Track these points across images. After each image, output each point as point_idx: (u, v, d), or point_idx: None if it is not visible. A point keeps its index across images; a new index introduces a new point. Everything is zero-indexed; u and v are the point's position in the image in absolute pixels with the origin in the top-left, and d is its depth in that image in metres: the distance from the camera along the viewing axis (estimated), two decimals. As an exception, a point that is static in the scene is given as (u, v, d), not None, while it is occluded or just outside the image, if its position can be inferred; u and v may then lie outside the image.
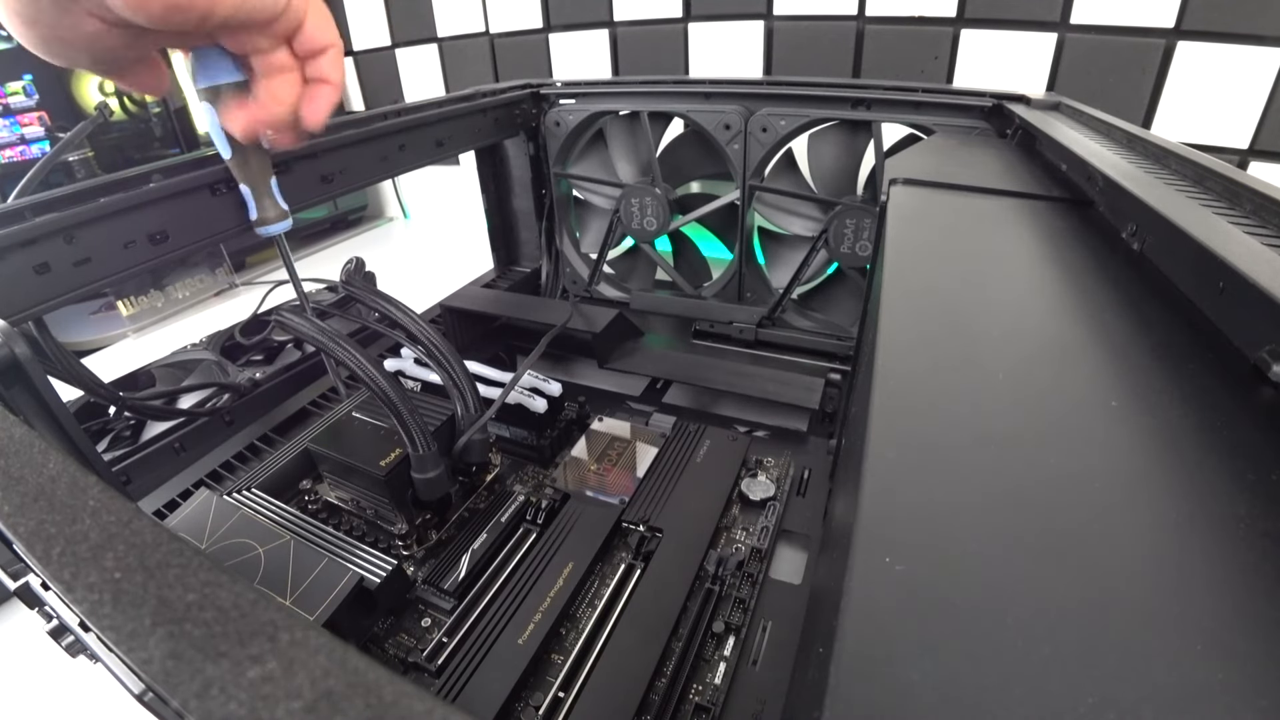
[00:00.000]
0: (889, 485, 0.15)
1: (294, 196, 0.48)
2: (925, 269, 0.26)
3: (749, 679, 0.35)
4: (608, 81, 0.70)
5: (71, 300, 0.37)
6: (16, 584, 0.25)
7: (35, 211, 0.35)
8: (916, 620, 0.11)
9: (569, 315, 0.61)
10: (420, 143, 0.59)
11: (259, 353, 0.67)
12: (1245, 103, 0.67)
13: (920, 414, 0.17)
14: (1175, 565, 0.12)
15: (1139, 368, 0.19)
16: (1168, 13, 0.67)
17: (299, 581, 0.35)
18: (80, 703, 0.40)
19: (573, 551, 0.41)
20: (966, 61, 0.77)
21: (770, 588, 0.40)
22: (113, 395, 0.43)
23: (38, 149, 0.99)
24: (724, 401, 0.61)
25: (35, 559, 0.12)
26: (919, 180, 0.37)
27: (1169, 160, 0.31)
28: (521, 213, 0.79)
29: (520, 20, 1.01)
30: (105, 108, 0.45)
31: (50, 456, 0.14)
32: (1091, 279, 0.25)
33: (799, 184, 0.65)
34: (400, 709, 0.08)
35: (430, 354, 0.46)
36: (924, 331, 0.21)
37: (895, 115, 0.57)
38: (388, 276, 0.69)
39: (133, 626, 0.10)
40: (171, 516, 0.40)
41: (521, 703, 0.33)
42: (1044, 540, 0.13)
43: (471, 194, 0.90)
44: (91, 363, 0.49)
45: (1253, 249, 0.20)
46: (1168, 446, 0.16)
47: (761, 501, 0.46)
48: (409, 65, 1.18)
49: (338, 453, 0.43)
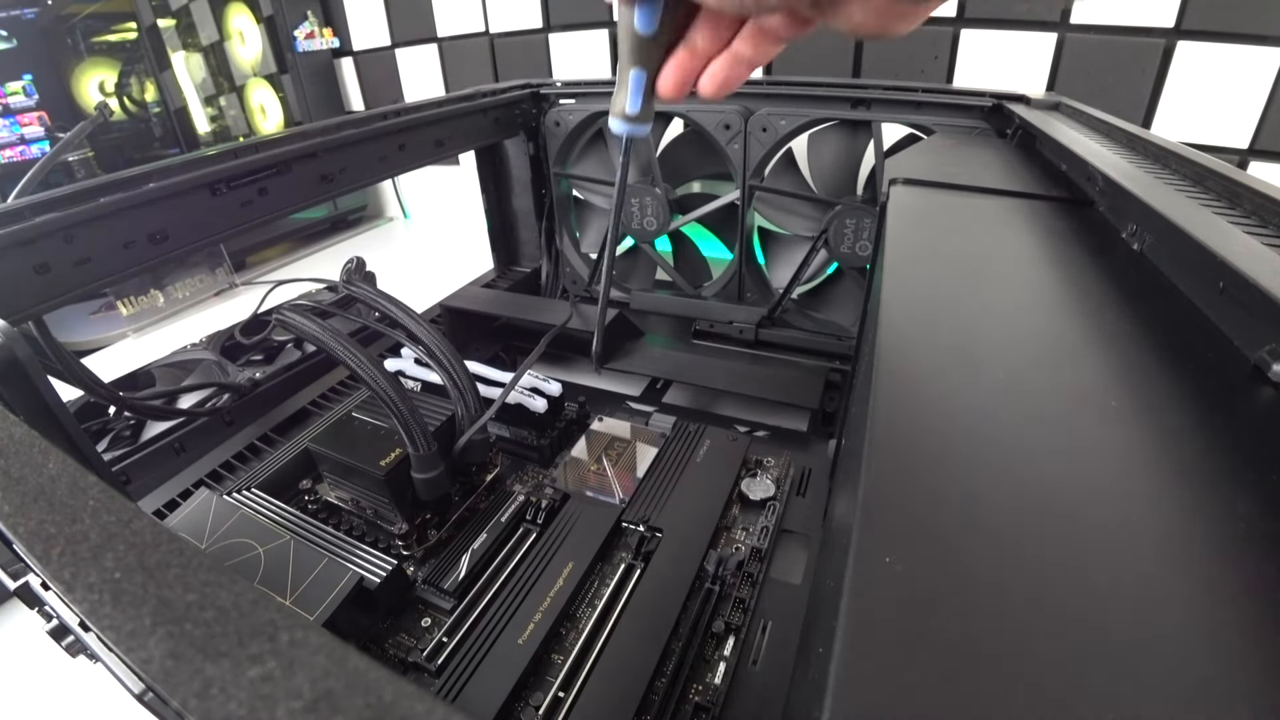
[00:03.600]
0: (889, 485, 0.15)
1: (294, 196, 0.48)
2: (925, 269, 0.26)
3: (749, 679, 0.35)
4: (608, 81, 0.70)
5: (71, 300, 0.37)
6: (16, 584, 0.25)
7: (35, 211, 0.35)
8: (916, 620, 0.11)
9: (569, 315, 0.61)
10: (420, 143, 0.59)
11: (259, 353, 0.67)
12: (1245, 103, 0.67)
13: (920, 414, 0.17)
14: (1175, 565, 0.12)
15: (1139, 368, 0.19)
16: (1168, 13, 0.67)
17: (299, 581, 0.35)
18: (80, 703, 0.40)
19: (573, 551, 0.41)
20: (966, 61, 0.77)
21: (770, 588, 0.40)
22: (113, 395, 0.43)
23: (38, 149, 1.00)
24: (724, 401, 0.61)
25: (35, 559, 0.12)
26: (919, 180, 0.37)
27: (1169, 160, 0.31)
28: (521, 213, 0.79)
29: (520, 20, 1.01)
30: (105, 108, 0.45)
31: (50, 456, 0.14)
32: (1091, 279, 0.25)
33: (799, 184, 0.65)
34: (400, 709, 0.08)
35: (430, 354, 0.46)
36: (924, 331, 0.21)
37: (895, 115, 0.57)
38: (388, 276, 0.69)
39: (133, 626, 0.10)
40: (171, 516, 0.40)
41: (521, 703, 0.33)
42: (1044, 540, 0.13)
43: (471, 194, 0.90)
44: (91, 363, 0.48)
45: (1253, 249, 0.20)
46: (1168, 446, 0.16)
47: (761, 501, 0.46)
48: (409, 65, 1.18)
49: (338, 453, 0.43)
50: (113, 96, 1.08)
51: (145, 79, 1.17)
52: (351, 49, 1.23)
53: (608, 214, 0.73)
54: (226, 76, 1.27)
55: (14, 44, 0.97)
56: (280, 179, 0.46)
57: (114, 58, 1.12)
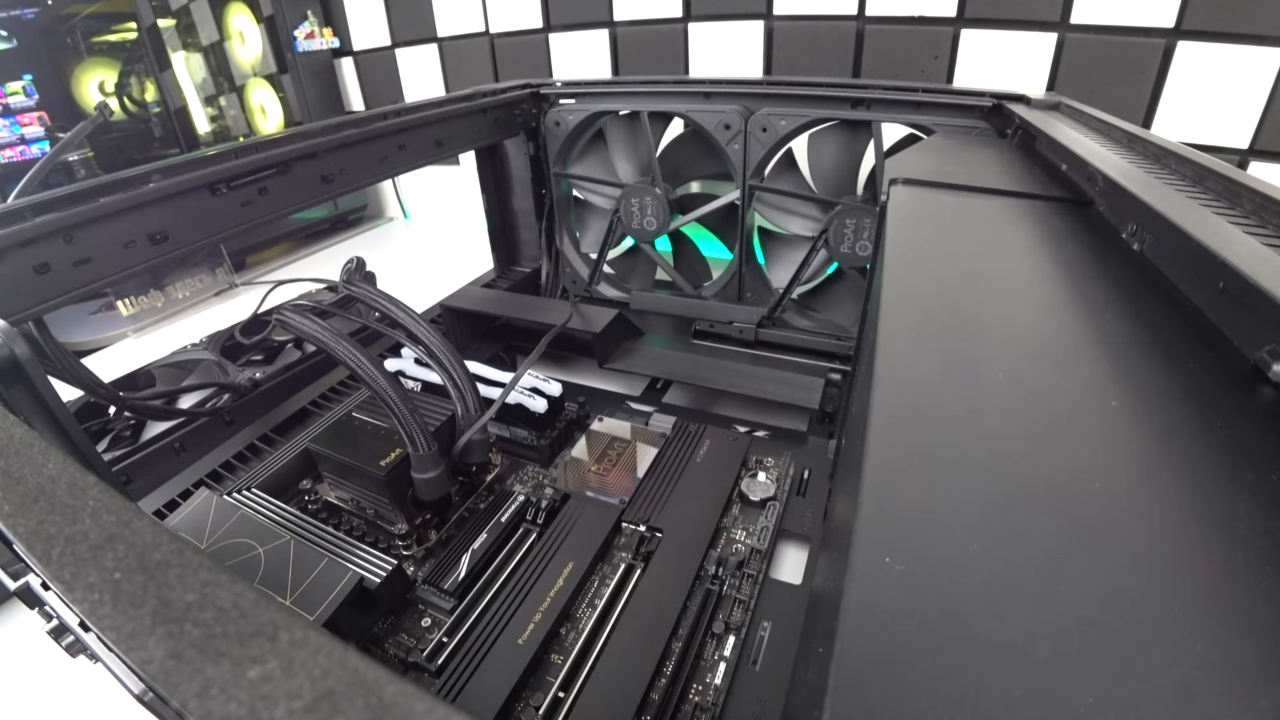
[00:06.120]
0: (889, 485, 0.15)
1: (294, 196, 0.48)
2: (925, 269, 0.26)
3: (749, 679, 0.35)
4: (608, 81, 0.70)
5: (71, 300, 0.37)
6: (16, 584, 0.25)
7: (35, 211, 0.35)
8: (916, 620, 0.11)
9: (569, 315, 0.61)
10: (420, 143, 0.59)
11: (259, 353, 0.67)
12: (1245, 103, 0.67)
13: (920, 414, 0.17)
14: (1175, 565, 0.12)
15: (1139, 368, 0.19)
16: (1168, 13, 0.67)
17: (299, 581, 0.35)
18: (80, 703, 0.40)
19: (573, 551, 0.41)
20: (966, 61, 0.77)
21: (770, 588, 0.40)
22: (113, 395, 0.43)
23: (38, 149, 1.00)
24: (724, 401, 0.61)
25: (35, 559, 0.12)
26: (919, 180, 0.37)
27: (1169, 160, 0.31)
28: (521, 213, 0.79)
29: (520, 20, 1.01)
30: (105, 108, 0.45)
31: (50, 456, 0.14)
32: (1091, 279, 0.25)
33: (799, 184, 0.65)
34: (400, 709, 0.08)
35: (430, 354, 0.46)
36: (924, 331, 0.21)
37: (895, 115, 0.57)
38: (388, 276, 0.69)
39: (133, 626, 0.10)
40: (171, 516, 0.40)
41: (521, 703, 0.33)
42: (1044, 540, 0.13)
43: (471, 194, 0.90)
44: (91, 363, 0.48)
45: (1253, 249, 0.20)
46: (1168, 447, 0.16)
47: (761, 501, 0.46)
48: (409, 65, 1.18)
49: (338, 453, 0.43)
50: (113, 96, 1.08)
51: (145, 79, 1.17)
52: (351, 49, 1.23)
53: (608, 214, 0.73)
54: (226, 76, 1.27)
55: (14, 44, 0.97)
56: (280, 179, 0.46)
57: (114, 58, 1.12)
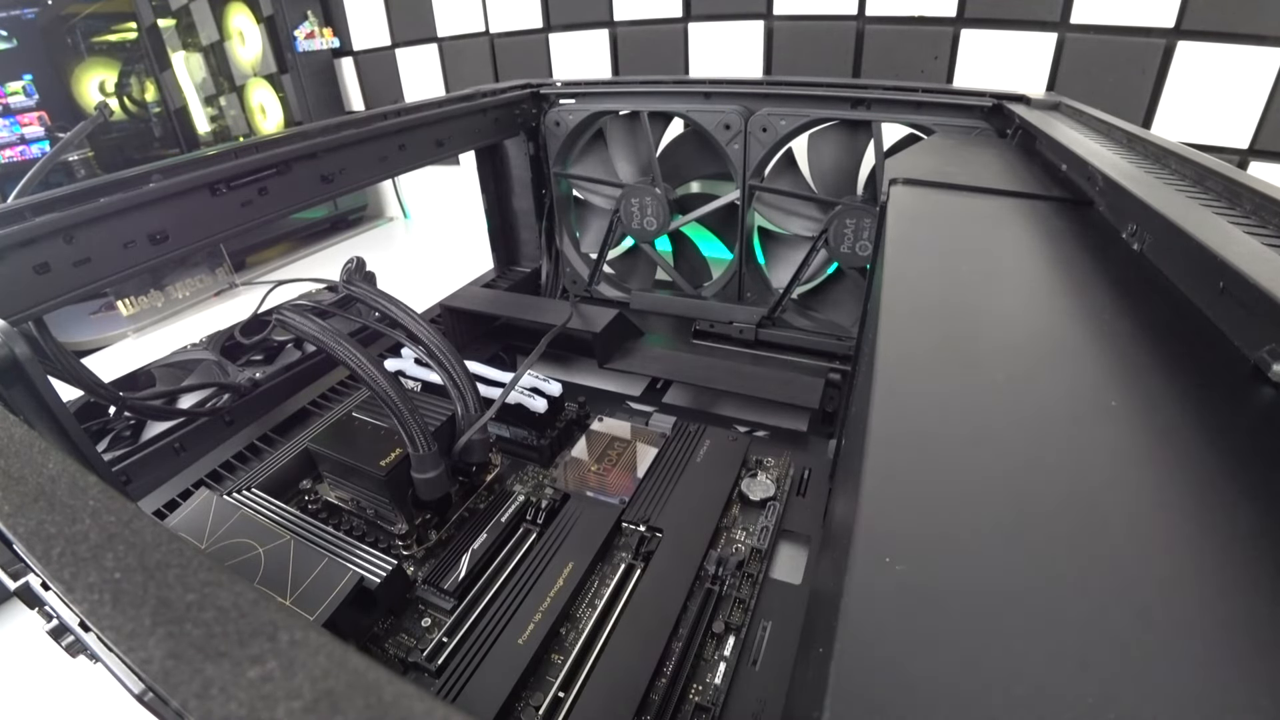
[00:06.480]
0: (889, 485, 0.15)
1: (294, 196, 0.48)
2: (925, 269, 0.26)
3: (749, 679, 0.35)
4: (608, 81, 0.70)
5: (71, 300, 0.37)
6: (16, 584, 0.25)
7: (35, 211, 0.35)
8: (916, 620, 0.11)
9: (569, 315, 0.61)
10: (420, 143, 0.59)
11: (259, 353, 0.67)
12: (1245, 103, 0.67)
13: (920, 414, 0.17)
14: (1175, 565, 0.12)
15: (1139, 368, 0.19)
16: (1168, 13, 0.67)
17: (299, 581, 0.35)
18: (80, 703, 0.40)
19: (573, 551, 0.41)
20: (966, 61, 0.77)
21: (770, 588, 0.40)
22: (113, 395, 0.43)
23: (38, 149, 1.00)
24: (724, 401, 0.61)
25: (35, 559, 0.12)
26: (919, 180, 0.37)
27: (1169, 160, 0.31)
28: (521, 213, 0.79)
29: (520, 20, 1.01)
30: (105, 108, 0.45)
31: (50, 456, 0.14)
32: (1091, 279, 0.25)
33: (799, 184, 0.65)
34: (400, 709, 0.08)
35: (430, 354, 0.46)
36: (924, 331, 0.21)
37: (895, 115, 0.57)
38: (388, 276, 0.69)
39: (133, 626, 0.10)
40: (171, 516, 0.40)
41: (521, 703, 0.33)
42: (1044, 540, 0.13)
43: (471, 194, 0.90)
44: (91, 363, 0.48)
45: (1253, 249, 0.20)
46: (1168, 446, 0.16)
47: (761, 501, 0.46)
48: (409, 65, 1.18)
49: (338, 453, 0.43)
50: (113, 96, 1.08)
51: (145, 79, 1.17)
52: (351, 49, 1.23)
53: (608, 214, 0.73)
54: (226, 76, 1.27)
55: (14, 44, 0.97)
56: (280, 179, 0.46)
57: (114, 58, 1.12)
